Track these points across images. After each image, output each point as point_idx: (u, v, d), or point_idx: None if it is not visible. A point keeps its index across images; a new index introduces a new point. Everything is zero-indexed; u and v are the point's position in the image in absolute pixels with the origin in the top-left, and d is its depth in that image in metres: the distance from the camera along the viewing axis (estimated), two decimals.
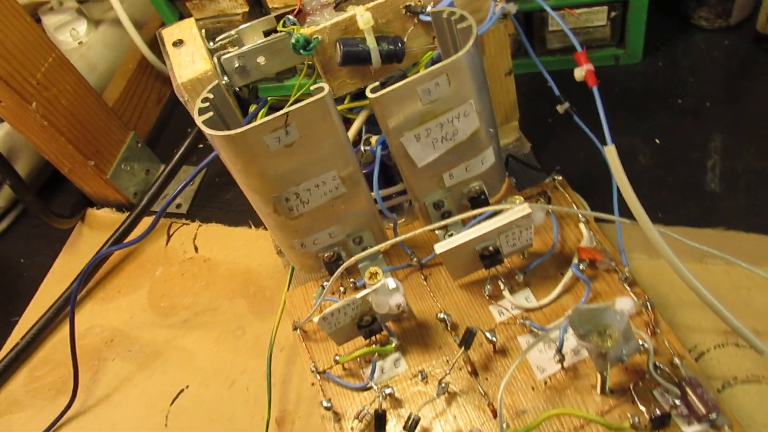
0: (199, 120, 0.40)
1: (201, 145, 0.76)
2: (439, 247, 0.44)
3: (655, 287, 0.52)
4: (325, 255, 0.50)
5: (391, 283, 0.43)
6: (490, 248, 0.45)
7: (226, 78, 0.48)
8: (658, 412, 0.38)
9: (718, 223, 0.55)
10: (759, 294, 0.50)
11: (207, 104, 0.41)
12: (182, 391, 0.58)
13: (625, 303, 0.39)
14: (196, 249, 0.67)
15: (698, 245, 0.46)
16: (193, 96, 0.46)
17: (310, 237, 0.48)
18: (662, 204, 0.57)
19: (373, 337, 0.47)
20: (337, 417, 0.46)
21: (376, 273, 0.44)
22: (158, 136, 0.80)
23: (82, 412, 0.58)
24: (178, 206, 0.71)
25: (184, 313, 0.63)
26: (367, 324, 0.45)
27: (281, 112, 0.39)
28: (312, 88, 0.41)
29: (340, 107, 0.53)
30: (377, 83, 0.41)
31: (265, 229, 0.66)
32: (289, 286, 0.55)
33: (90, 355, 0.62)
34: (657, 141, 0.61)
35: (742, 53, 0.66)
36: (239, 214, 0.69)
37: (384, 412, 0.43)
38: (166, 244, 0.69)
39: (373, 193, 0.48)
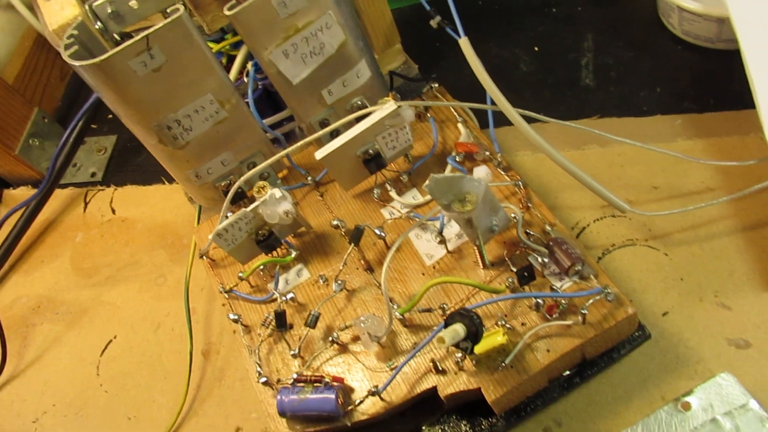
0: (65, 54, 0.42)
1: (110, 116, 0.77)
2: (319, 153, 0.46)
3: (539, 177, 0.56)
4: (222, 184, 0.52)
5: (278, 193, 0.46)
6: (370, 151, 0.48)
7: (100, 23, 0.49)
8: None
9: (594, 113, 0.59)
10: (630, 168, 0.54)
11: (72, 40, 0.43)
12: (110, 341, 0.59)
13: (480, 171, 0.42)
14: (113, 211, 0.69)
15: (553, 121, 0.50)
16: None
17: (202, 166, 0.50)
18: (544, 103, 0.61)
19: (275, 252, 0.50)
20: (247, 329, 0.48)
21: (264, 186, 0.47)
22: (67, 113, 0.80)
23: (14, 377, 0.60)
24: (93, 175, 0.72)
25: (106, 270, 0.64)
26: (264, 238, 0.48)
27: (141, 35, 0.41)
28: (168, 9, 0.43)
29: (220, 45, 0.55)
30: (234, 1, 0.43)
31: (178, 182, 0.68)
32: (198, 223, 0.57)
33: (18, 324, 0.63)
34: (536, 48, 0.65)
35: None
36: (152, 174, 0.70)
37: (283, 311, 0.46)
38: (84, 210, 0.70)
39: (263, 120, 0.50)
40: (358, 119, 0.47)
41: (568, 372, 0.44)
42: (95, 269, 0.65)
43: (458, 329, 0.38)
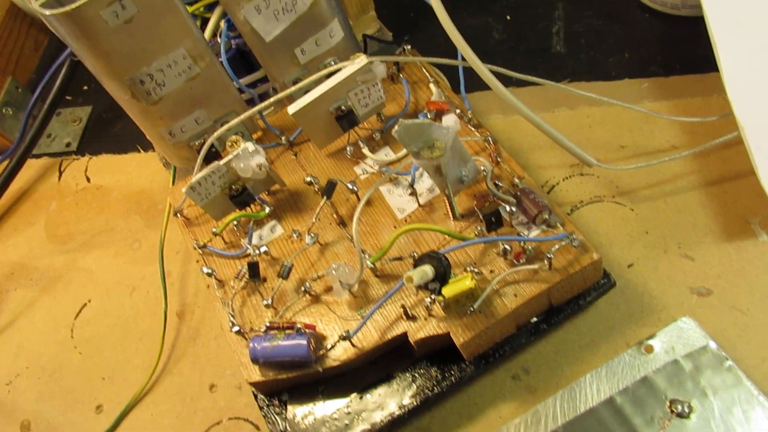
0: (36, 3, 0.42)
1: (86, 87, 0.77)
2: (292, 108, 0.47)
3: (510, 140, 0.57)
4: (196, 143, 0.52)
5: (251, 146, 0.46)
6: (343, 108, 0.49)
7: None
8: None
9: (564, 79, 0.60)
10: (598, 129, 0.55)
11: None
12: (85, 305, 0.59)
13: (449, 119, 0.43)
14: (88, 180, 0.69)
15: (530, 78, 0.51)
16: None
17: (176, 124, 0.50)
18: (516, 70, 0.61)
19: (248, 208, 0.50)
20: (221, 284, 0.49)
21: (237, 140, 0.47)
22: (45, 86, 0.80)
23: None
24: (68, 145, 0.72)
25: (81, 237, 0.64)
26: (238, 193, 0.48)
27: None
28: None
29: (195, 6, 0.55)
30: None
31: (154, 150, 0.68)
32: (173, 184, 0.57)
33: None
34: (508, 17, 0.66)
35: None
36: (127, 142, 0.70)
37: (256, 262, 0.46)
38: (59, 179, 0.69)
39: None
40: (330, 76, 0.48)
41: (535, 319, 0.45)
42: (70, 236, 0.65)
43: (426, 270, 0.39)
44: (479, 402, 0.46)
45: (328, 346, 0.43)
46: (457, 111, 0.50)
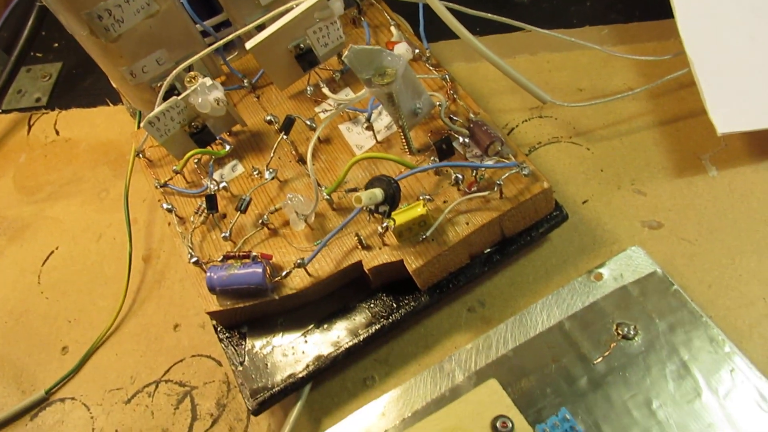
0: None
1: (56, 44, 0.77)
2: (249, 44, 0.47)
3: (471, 85, 0.58)
4: (158, 85, 0.52)
5: (208, 81, 0.47)
6: (302, 46, 0.49)
7: None
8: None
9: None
10: (557, 73, 0.56)
11: None
12: (52, 252, 0.60)
13: (400, 47, 0.43)
14: (57, 133, 0.69)
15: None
16: None
17: (137, 64, 0.51)
18: (481, 21, 0.62)
19: (209, 147, 0.51)
20: (182, 220, 0.49)
21: (195, 75, 0.47)
22: (12, 41, 0.80)
23: None
24: (38, 100, 0.72)
25: (49, 188, 0.64)
26: (198, 131, 0.49)
27: None
28: None
29: None
30: None
31: (122, 103, 0.68)
32: (138, 128, 0.58)
33: None
34: None
35: None
36: (97, 96, 0.70)
37: (214, 194, 0.47)
38: (28, 133, 0.70)
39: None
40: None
41: (489, 250, 0.45)
42: (38, 187, 0.65)
43: (376, 192, 0.39)
44: (436, 333, 0.47)
45: (284, 274, 0.43)
46: (416, 51, 0.51)
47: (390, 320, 0.45)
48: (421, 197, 0.43)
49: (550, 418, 0.37)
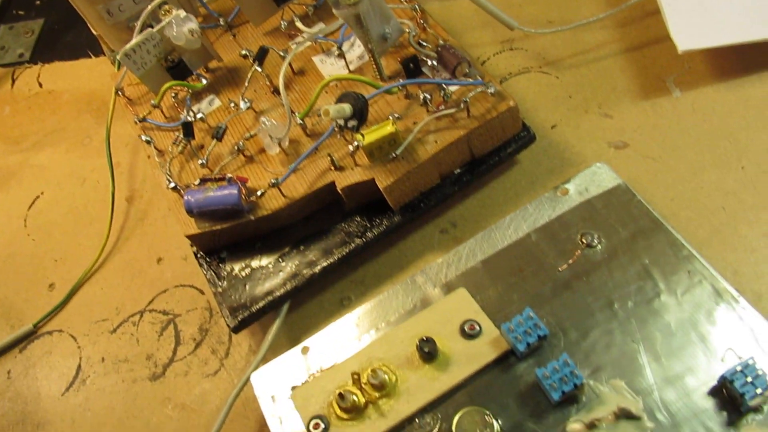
0: None
1: (38, 2, 0.78)
2: None
3: (447, 21, 0.59)
4: (135, 24, 0.53)
5: (182, 13, 0.48)
6: None
7: None
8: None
9: None
10: (528, 7, 0.57)
11: None
12: (38, 197, 0.61)
13: None
14: (40, 85, 0.70)
15: None
16: None
17: (113, 2, 0.52)
18: None
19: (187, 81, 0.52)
20: (161, 153, 0.50)
21: (169, 8, 0.48)
22: None
23: None
24: (21, 56, 0.73)
25: (33, 137, 0.66)
26: (174, 64, 0.50)
27: None
28: None
29: None
30: None
31: (104, 54, 0.69)
32: (118, 69, 0.59)
33: None
34: None
35: None
36: (79, 49, 0.71)
37: (190, 122, 0.48)
38: (12, 87, 0.71)
39: None
40: None
41: (459, 170, 0.47)
42: (23, 137, 0.66)
43: (344, 106, 0.40)
44: (409, 255, 0.48)
45: (259, 194, 0.45)
46: None
47: (364, 240, 0.46)
48: (390, 116, 0.45)
49: (514, 317, 0.39)
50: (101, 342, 0.51)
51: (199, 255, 0.48)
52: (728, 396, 0.36)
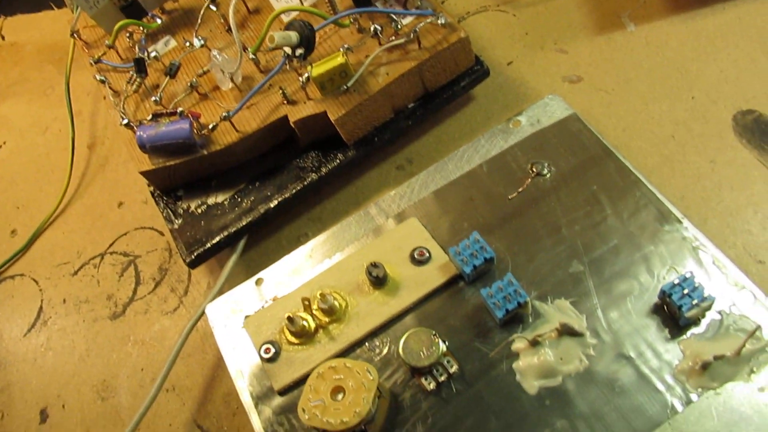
0: None
1: None
2: None
3: None
4: None
5: None
6: None
7: None
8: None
9: None
10: None
11: None
12: (0, 147, 0.61)
13: None
14: (2, 38, 0.69)
15: None
16: None
17: None
18: None
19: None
20: (117, 94, 0.50)
21: None
22: None
23: None
24: None
25: None
26: (128, 3, 0.50)
27: None
28: None
29: None
30: None
31: (66, 6, 0.68)
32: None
33: None
34: None
35: None
36: (41, 2, 0.70)
37: (142, 58, 0.48)
38: None
39: None
40: None
41: (412, 104, 0.47)
42: None
43: (290, 34, 0.40)
44: (366, 191, 0.49)
45: (211, 127, 0.45)
46: None
47: (319, 174, 0.46)
48: (341, 48, 0.44)
49: (461, 241, 0.39)
50: (63, 284, 0.51)
51: (156, 194, 0.48)
52: (669, 312, 0.37)
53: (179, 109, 0.45)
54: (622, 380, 0.35)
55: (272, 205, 0.46)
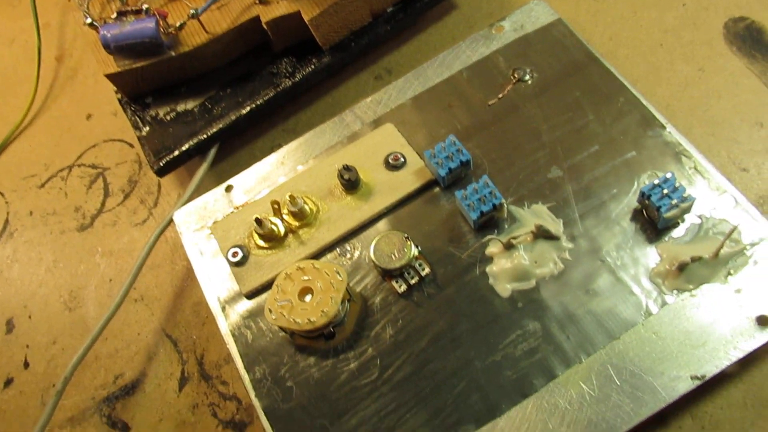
0: None
1: None
2: None
3: None
4: None
5: None
6: None
7: None
8: None
9: None
10: None
11: None
12: None
13: None
14: None
15: None
16: None
17: None
18: None
19: None
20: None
21: None
22: None
23: None
24: None
25: None
26: None
27: None
28: None
29: None
30: None
31: None
32: None
33: None
34: None
35: None
36: None
37: None
38: None
39: None
40: None
41: (391, 8, 0.45)
42: None
43: None
44: (342, 102, 0.47)
45: (178, 25, 0.42)
46: None
47: (293, 80, 0.44)
48: None
49: (437, 144, 0.38)
50: (29, 197, 0.50)
51: (124, 101, 0.46)
52: (648, 216, 0.36)
53: (145, 7, 0.42)
54: (597, 284, 0.35)
55: (244, 112, 0.44)
